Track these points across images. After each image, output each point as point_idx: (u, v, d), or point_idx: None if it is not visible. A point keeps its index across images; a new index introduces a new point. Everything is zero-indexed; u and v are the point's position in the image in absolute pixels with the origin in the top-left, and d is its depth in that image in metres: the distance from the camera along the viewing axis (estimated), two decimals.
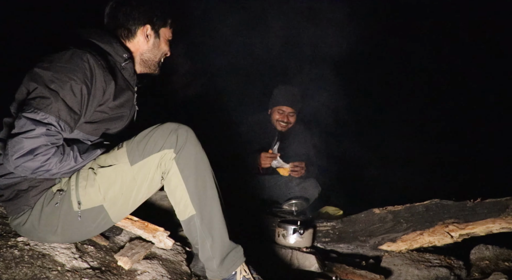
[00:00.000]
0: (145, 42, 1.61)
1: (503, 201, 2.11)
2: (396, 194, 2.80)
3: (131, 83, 1.59)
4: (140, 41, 1.61)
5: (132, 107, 1.60)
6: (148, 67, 1.67)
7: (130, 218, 1.61)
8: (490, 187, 2.49)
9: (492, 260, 2.01)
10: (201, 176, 1.41)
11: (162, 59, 1.71)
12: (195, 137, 1.41)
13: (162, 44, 1.65)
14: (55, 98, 1.28)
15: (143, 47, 1.62)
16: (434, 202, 2.23)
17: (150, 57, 1.65)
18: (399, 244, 2.20)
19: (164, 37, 1.65)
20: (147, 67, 1.67)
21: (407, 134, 5.05)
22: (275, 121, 3.24)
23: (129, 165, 1.37)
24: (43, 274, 1.27)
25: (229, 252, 1.44)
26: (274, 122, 3.25)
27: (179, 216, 1.46)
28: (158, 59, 1.68)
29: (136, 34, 1.60)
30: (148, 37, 1.61)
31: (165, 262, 1.58)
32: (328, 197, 3.36)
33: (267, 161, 3.06)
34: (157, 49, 1.65)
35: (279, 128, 3.24)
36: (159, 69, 1.72)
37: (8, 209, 1.41)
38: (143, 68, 1.67)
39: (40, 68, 1.31)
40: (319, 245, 2.32)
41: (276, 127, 3.25)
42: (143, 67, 1.67)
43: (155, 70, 1.71)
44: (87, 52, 1.36)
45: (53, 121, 1.27)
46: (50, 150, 1.26)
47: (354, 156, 4.60)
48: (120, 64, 1.53)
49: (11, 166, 1.25)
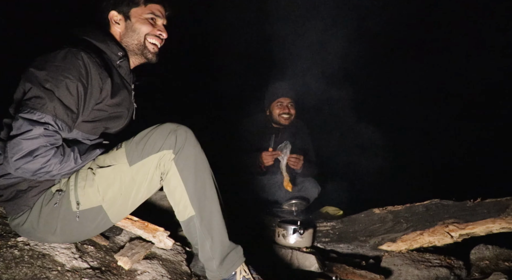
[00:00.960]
0: (119, 29, 1.57)
1: (503, 201, 2.11)
2: (396, 194, 2.79)
3: (128, 81, 1.58)
4: (115, 29, 1.57)
5: (130, 105, 1.60)
6: (135, 54, 1.60)
7: (130, 218, 1.61)
8: (490, 187, 2.49)
9: (492, 260, 2.01)
10: (200, 177, 1.41)
11: (150, 41, 1.59)
12: (194, 138, 1.41)
13: (136, 24, 1.55)
14: (50, 97, 1.28)
15: (121, 35, 1.57)
16: (434, 202, 2.24)
17: (128, 41, 1.57)
18: (399, 244, 2.20)
19: (138, 17, 1.56)
20: (135, 55, 1.60)
21: (408, 134, 5.05)
22: (277, 116, 3.18)
23: (128, 165, 1.37)
24: (43, 274, 1.27)
25: (229, 253, 1.44)
26: (276, 118, 3.19)
27: (179, 216, 1.46)
28: (137, 41, 1.57)
29: (108, 22, 1.57)
30: (119, 23, 1.56)
31: (165, 262, 1.58)
32: (328, 197, 3.35)
33: (269, 159, 3.03)
34: (132, 31, 1.56)
35: (284, 122, 3.19)
36: (152, 55, 1.61)
37: (7, 209, 1.41)
38: (133, 58, 1.61)
39: (35, 68, 1.31)
40: (319, 245, 2.32)
41: (280, 122, 3.18)
42: (132, 57, 1.61)
43: (147, 55, 1.60)
44: (82, 50, 1.36)
45: (50, 121, 1.27)
46: (49, 151, 1.26)
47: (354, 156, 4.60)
48: (116, 62, 1.52)
49: (11, 168, 1.25)
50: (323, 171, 3.39)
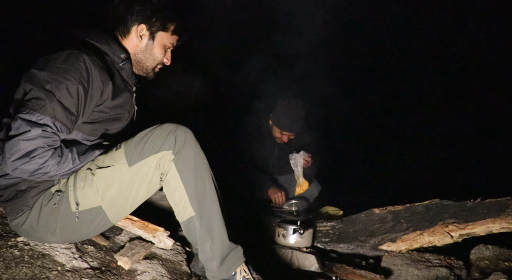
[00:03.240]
0: (138, 42, 1.56)
1: (503, 201, 2.11)
2: (396, 194, 2.80)
3: (130, 83, 1.58)
4: (134, 40, 1.56)
5: (131, 107, 1.60)
6: (140, 70, 1.62)
7: (130, 218, 1.61)
8: (490, 187, 2.49)
9: (492, 260, 2.01)
10: (200, 177, 1.40)
11: (158, 67, 1.64)
12: (194, 138, 1.40)
13: (156, 48, 1.58)
14: (50, 99, 1.27)
15: (136, 47, 1.57)
16: (434, 202, 2.24)
17: (141, 59, 1.59)
18: (399, 244, 2.20)
19: (160, 42, 1.58)
20: (140, 69, 1.62)
21: (408, 135, 5.05)
22: (274, 134, 3.20)
23: (127, 166, 1.37)
24: (43, 274, 1.27)
25: (229, 253, 1.44)
26: (273, 133, 3.21)
27: (178, 217, 1.46)
28: (150, 64, 1.61)
29: (131, 31, 1.55)
30: (141, 37, 1.56)
31: (165, 262, 1.58)
32: (328, 197, 3.36)
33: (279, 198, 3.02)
34: (149, 53, 1.58)
35: (277, 141, 3.23)
36: (153, 74, 1.66)
37: (7, 209, 1.41)
38: (136, 70, 1.63)
39: (36, 69, 1.31)
40: (319, 245, 2.33)
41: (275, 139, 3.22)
42: (136, 68, 1.62)
43: (148, 74, 1.65)
44: (84, 52, 1.36)
45: (48, 122, 1.27)
46: (47, 152, 1.26)
47: (354, 155, 4.59)
48: (118, 65, 1.52)
49: (9, 169, 1.25)
50: (323, 171, 3.39)
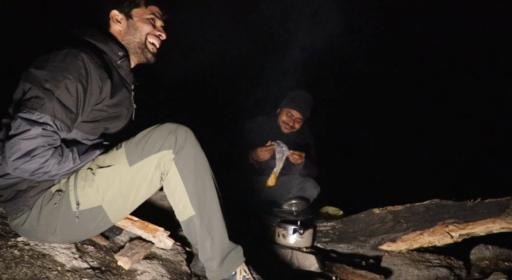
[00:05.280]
0: (119, 27, 1.58)
1: (503, 201, 2.12)
2: (396, 194, 2.80)
3: (128, 81, 1.59)
4: (115, 27, 1.58)
5: (130, 105, 1.60)
6: (135, 53, 1.61)
7: (130, 218, 1.61)
8: (490, 187, 2.49)
9: (492, 260, 2.01)
10: (200, 177, 1.41)
11: (151, 41, 1.62)
12: (195, 138, 1.41)
13: (138, 23, 1.58)
14: (49, 97, 1.28)
15: (121, 33, 1.59)
16: (434, 202, 2.24)
17: (130, 39, 1.59)
18: (399, 244, 2.20)
19: (140, 17, 1.59)
20: (135, 53, 1.61)
21: (408, 134, 5.05)
22: (280, 122, 3.21)
23: (127, 165, 1.37)
24: (43, 274, 1.27)
25: (229, 253, 1.44)
26: (279, 122, 3.22)
27: (179, 216, 1.46)
28: (139, 39, 1.59)
29: (109, 22, 1.58)
30: (120, 21, 1.58)
31: (165, 262, 1.58)
32: (328, 197, 3.35)
33: (265, 154, 3.01)
34: (133, 29, 1.58)
35: (283, 130, 3.22)
36: (152, 56, 1.63)
37: (7, 209, 1.41)
38: (133, 57, 1.62)
39: (35, 68, 1.31)
40: (319, 245, 2.32)
41: (280, 128, 3.22)
42: (133, 55, 1.62)
43: (146, 55, 1.62)
44: (82, 51, 1.36)
45: (48, 121, 1.27)
46: (47, 151, 1.26)
47: (354, 155, 4.59)
48: (116, 62, 1.53)
49: (10, 168, 1.25)
50: (322, 171, 3.39)
